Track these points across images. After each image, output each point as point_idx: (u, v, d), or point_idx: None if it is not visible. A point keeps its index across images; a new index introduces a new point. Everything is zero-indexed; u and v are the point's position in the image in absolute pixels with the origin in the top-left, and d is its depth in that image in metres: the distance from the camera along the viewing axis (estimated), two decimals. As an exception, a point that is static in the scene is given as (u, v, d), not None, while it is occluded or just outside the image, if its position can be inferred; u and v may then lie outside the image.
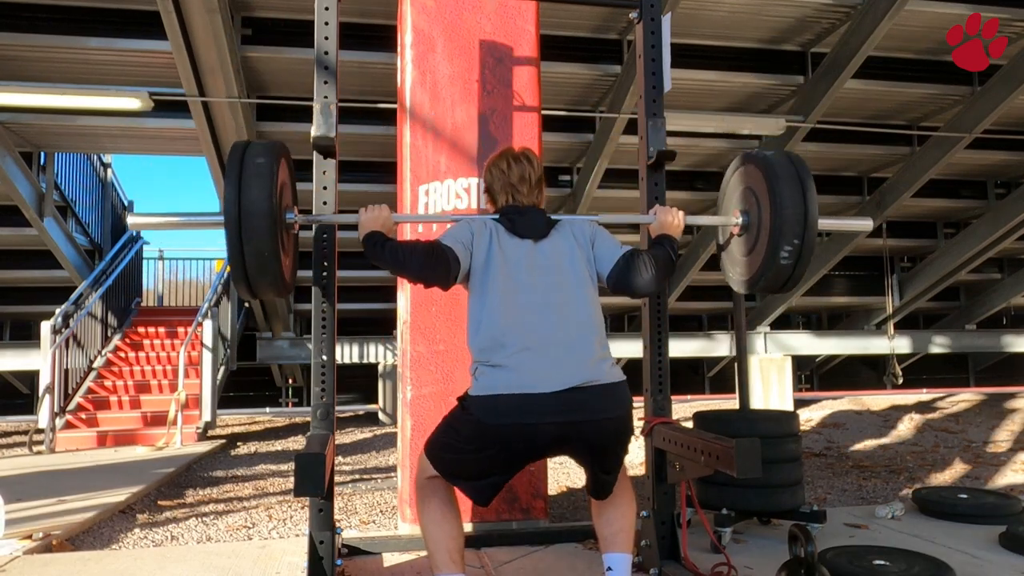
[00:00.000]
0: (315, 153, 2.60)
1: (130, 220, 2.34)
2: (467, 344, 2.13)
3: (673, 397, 2.81)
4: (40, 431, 7.00)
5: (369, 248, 2.13)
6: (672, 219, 2.40)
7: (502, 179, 2.26)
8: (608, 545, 2.20)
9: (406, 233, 3.43)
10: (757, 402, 10.65)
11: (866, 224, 2.69)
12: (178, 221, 2.45)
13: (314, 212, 2.57)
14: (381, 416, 10.01)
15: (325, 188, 2.60)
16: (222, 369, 9.09)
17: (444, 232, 2.19)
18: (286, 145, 2.30)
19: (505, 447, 2.00)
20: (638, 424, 2.47)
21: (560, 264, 2.15)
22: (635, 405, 2.23)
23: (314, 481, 1.96)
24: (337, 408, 2.71)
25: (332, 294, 2.58)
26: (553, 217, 2.24)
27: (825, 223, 2.46)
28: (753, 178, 2.49)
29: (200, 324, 8.32)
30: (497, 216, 2.23)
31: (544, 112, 3.72)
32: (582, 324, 2.08)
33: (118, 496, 4.61)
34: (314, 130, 2.54)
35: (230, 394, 11.55)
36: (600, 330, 2.12)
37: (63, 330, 7.62)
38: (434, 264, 2.07)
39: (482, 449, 2.02)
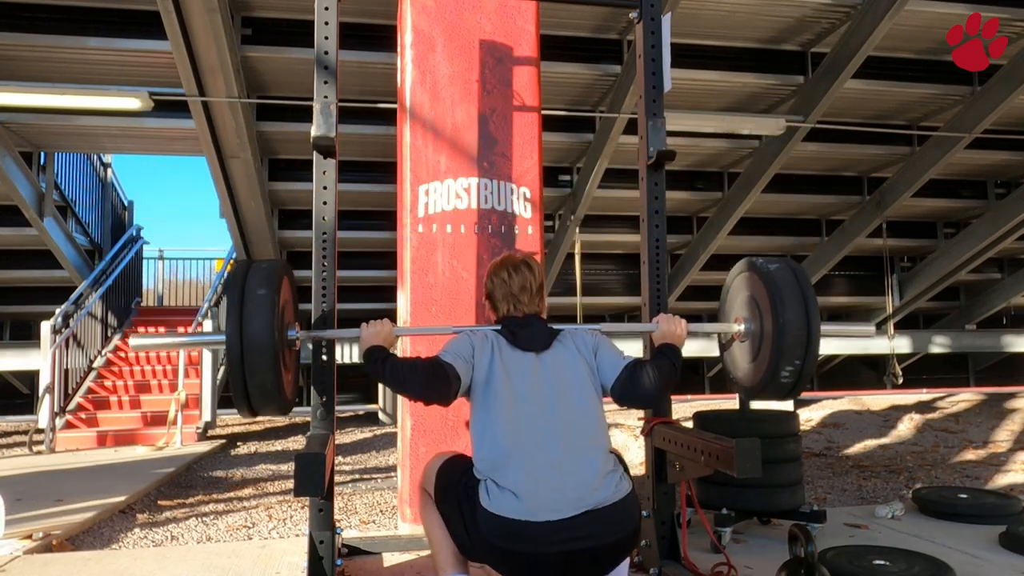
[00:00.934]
0: (315, 153, 2.59)
1: (132, 342, 2.35)
2: (472, 455, 2.09)
3: (673, 397, 2.81)
4: (40, 431, 7.00)
5: (370, 365, 2.11)
6: (675, 328, 2.39)
7: (503, 289, 2.24)
8: None
9: (406, 230, 3.43)
10: (757, 402, 10.63)
11: (868, 330, 2.76)
12: (180, 342, 2.50)
13: (314, 212, 2.57)
14: (381, 416, 10.00)
15: (325, 188, 2.60)
16: (222, 369, 9.09)
17: (444, 346, 2.15)
18: (288, 263, 2.31)
19: (503, 563, 1.96)
20: (637, 424, 2.47)
21: (564, 377, 2.11)
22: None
23: (314, 481, 1.96)
24: (337, 408, 2.71)
25: (332, 294, 2.58)
26: (555, 327, 2.21)
27: (828, 329, 2.45)
28: (756, 289, 2.48)
29: (200, 324, 8.32)
30: (498, 328, 2.20)
31: (544, 112, 3.72)
32: (587, 440, 2.03)
33: (118, 496, 4.61)
34: (314, 130, 2.54)
35: (230, 394, 11.53)
36: (605, 442, 2.08)
37: (63, 330, 7.62)
38: (435, 383, 2.04)
39: (478, 550, 2.00)
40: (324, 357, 2.54)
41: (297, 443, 7.80)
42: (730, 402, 9.31)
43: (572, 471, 1.96)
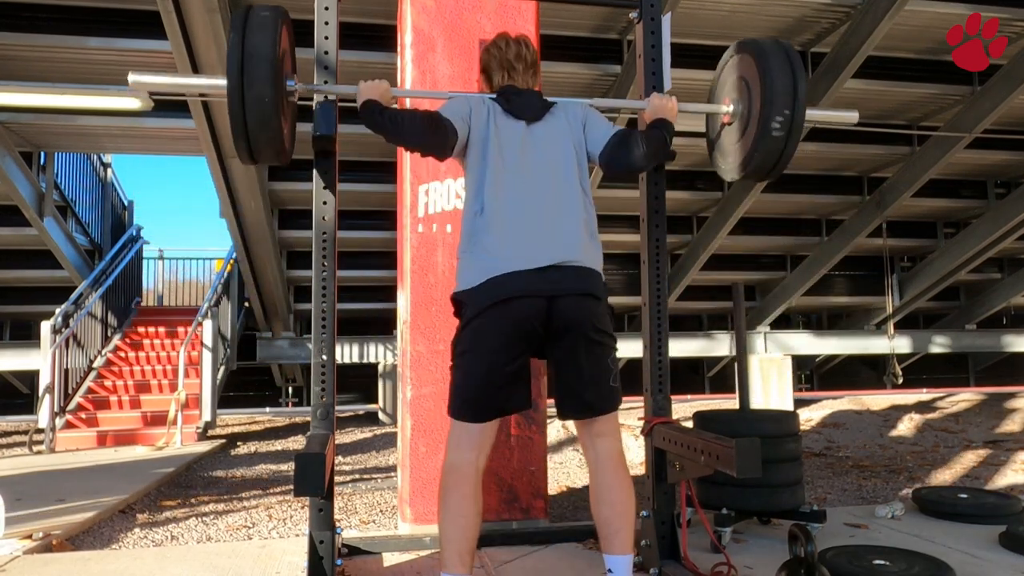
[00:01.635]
0: (315, 153, 2.59)
1: (132, 79, 2.31)
2: (461, 220, 2.22)
3: (673, 397, 2.80)
4: (40, 431, 7.00)
5: (367, 115, 2.15)
6: (666, 103, 2.44)
7: (499, 56, 2.31)
8: (609, 547, 2.17)
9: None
10: (757, 402, 10.65)
11: (852, 116, 2.77)
12: (178, 83, 2.54)
13: (314, 212, 2.57)
14: (381, 416, 10.01)
15: (325, 188, 2.60)
16: (222, 369, 9.10)
17: (442, 106, 2.22)
18: (286, 13, 2.31)
19: (499, 330, 2.05)
20: (637, 424, 2.48)
21: (552, 148, 2.20)
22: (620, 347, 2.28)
23: (314, 481, 1.95)
24: (337, 408, 2.71)
25: (332, 294, 2.58)
26: (548, 99, 2.27)
27: (812, 113, 2.53)
28: (745, 65, 2.53)
29: (200, 324, 8.32)
30: (494, 96, 2.26)
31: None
32: (569, 209, 2.15)
33: (118, 496, 4.61)
34: (314, 130, 2.54)
35: (230, 394, 11.54)
36: (586, 215, 2.19)
37: (63, 330, 7.62)
38: (433, 132, 2.12)
39: (480, 345, 2.06)
40: (324, 357, 2.54)
41: (297, 443, 7.81)
42: (730, 402, 9.31)
43: (553, 233, 2.10)
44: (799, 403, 10.60)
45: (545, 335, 2.11)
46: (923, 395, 11.36)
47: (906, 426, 7.92)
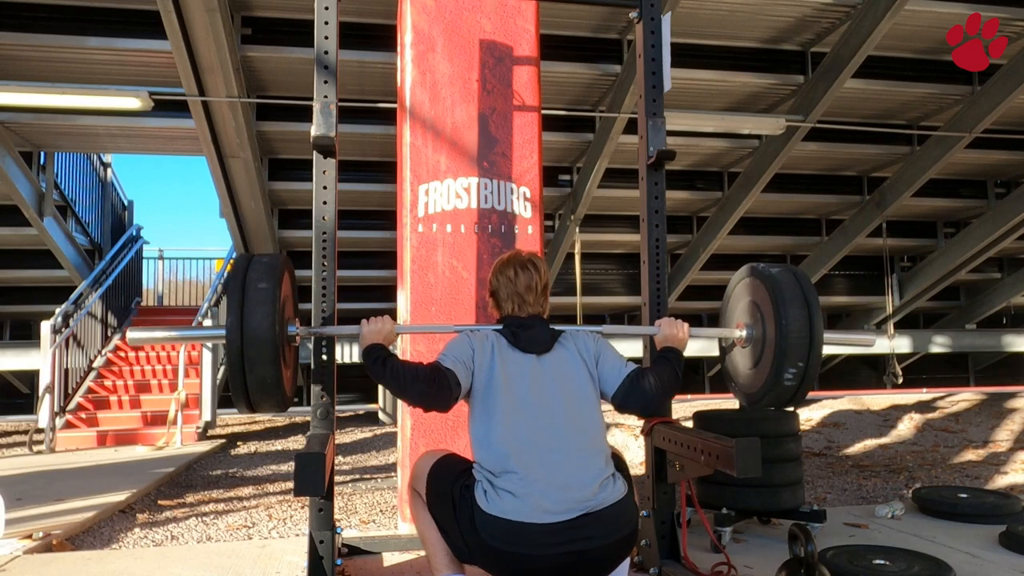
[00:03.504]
0: (315, 153, 2.59)
1: (131, 335, 2.27)
2: (472, 454, 2.09)
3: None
4: (40, 431, 7.00)
5: (370, 364, 2.08)
6: (677, 332, 2.38)
7: (509, 288, 2.23)
8: None
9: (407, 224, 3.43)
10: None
11: (870, 339, 2.69)
12: (180, 335, 2.49)
13: (314, 212, 2.57)
14: (381, 416, 10.00)
15: (325, 188, 2.60)
16: (222, 369, 9.09)
17: (444, 349, 2.14)
18: (289, 259, 2.30)
19: (499, 566, 1.95)
20: (637, 424, 2.47)
21: (564, 381, 2.11)
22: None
23: (314, 481, 1.95)
24: (337, 408, 2.71)
25: (332, 294, 2.58)
26: (556, 328, 2.20)
27: (831, 337, 2.43)
28: (758, 294, 2.47)
29: (200, 323, 8.32)
30: (499, 328, 2.19)
31: (544, 111, 3.72)
32: (587, 444, 2.03)
33: (118, 496, 4.61)
34: (314, 130, 2.54)
35: (230, 394, 11.53)
36: (604, 446, 2.09)
37: (63, 330, 7.62)
38: (435, 391, 2.01)
39: (474, 553, 1.98)
40: (324, 356, 2.54)
41: (297, 443, 7.81)
42: (730, 402, 9.31)
43: (571, 474, 1.96)
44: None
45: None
46: (923, 395, 11.35)
47: (906, 426, 7.92)
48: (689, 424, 3.28)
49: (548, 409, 2.05)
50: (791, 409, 3.32)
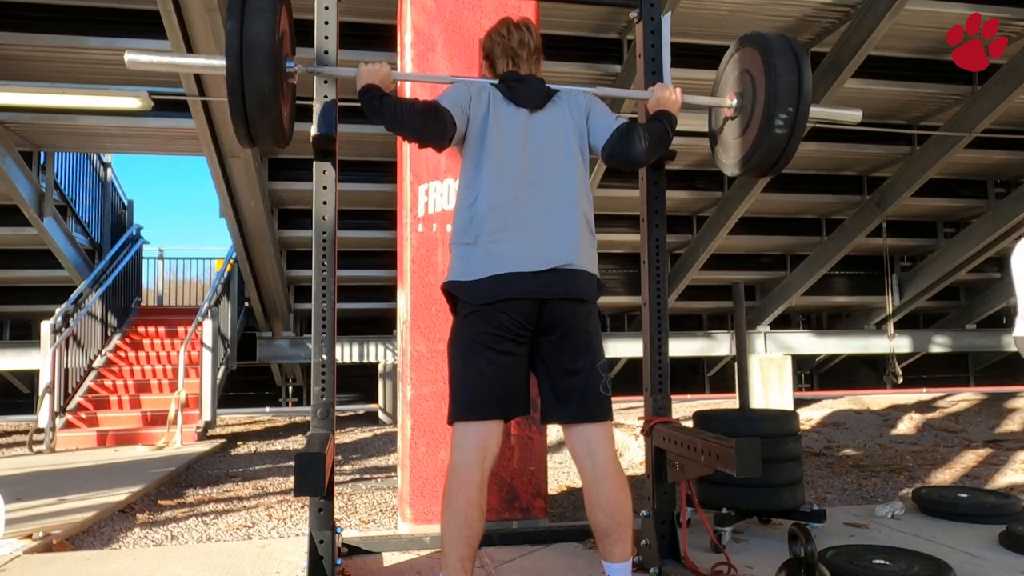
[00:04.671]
0: (315, 153, 2.59)
1: (128, 57, 2.27)
2: (453, 213, 2.20)
3: (673, 396, 2.80)
4: (40, 431, 7.00)
5: (366, 102, 2.14)
6: (670, 95, 2.41)
7: (502, 43, 2.31)
8: (609, 555, 2.14)
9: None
10: (757, 401, 10.66)
11: (855, 115, 2.74)
12: (175, 62, 2.52)
13: (314, 212, 2.57)
14: (381, 416, 10.01)
15: (325, 188, 2.60)
16: (222, 369, 9.09)
17: (442, 93, 2.20)
18: None
19: (494, 329, 2.05)
20: (637, 423, 2.48)
21: (554, 137, 2.19)
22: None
23: (314, 481, 1.95)
24: (337, 408, 2.71)
25: (332, 294, 2.58)
26: (551, 87, 2.27)
27: (816, 111, 2.53)
28: (749, 59, 2.51)
29: (200, 323, 8.32)
30: (496, 82, 2.25)
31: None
32: (570, 203, 2.15)
33: (118, 496, 4.61)
34: (314, 130, 2.54)
35: (230, 394, 11.55)
36: (586, 207, 2.19)
37: (63, 330, 7.62)
38: (433, 122, 2.10)
39: (476, 342, 2.07)
40: (324, 356, 2.54)
41: (297, 443, 7.81)
42: (730, 401, 9.31)
43: (550, 232, 2.10)
44: (799, 403, 10.61)
45: (534, 336, 2.13)
46: (923, 395, 11.36)
47: (906, 426, 7.93)
48: (689, 424, 3.28)
49: (533, 167, 2.14)
50: (791, 408, 3.32)
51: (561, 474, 5.74)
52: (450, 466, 2.08)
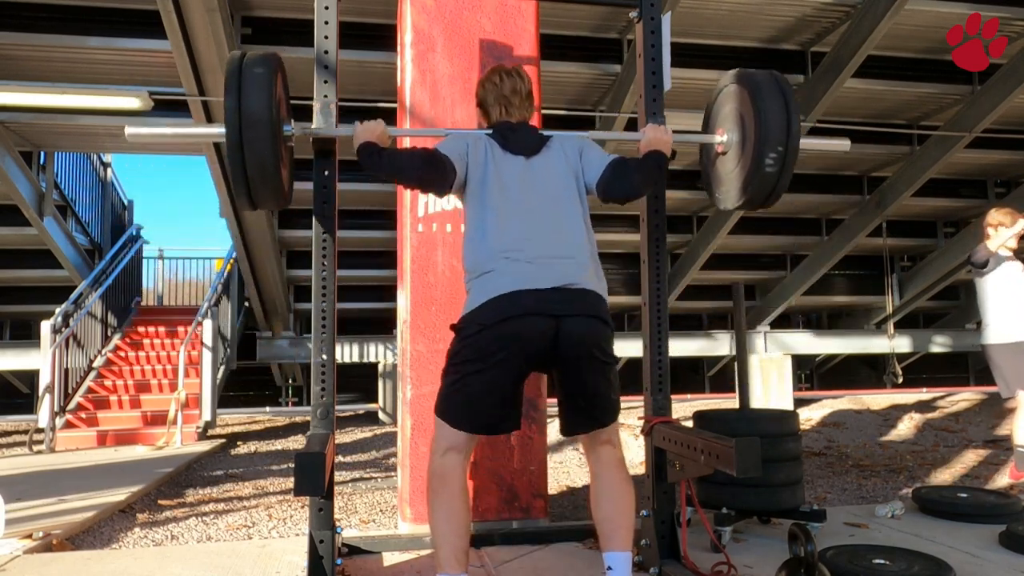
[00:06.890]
0: (315, 153, 2.59)
1: (128, 131, 2.34)
2: (463, 259, 2.24)
3: (673, 396, 2.81)
4: (40, 431, 7.00)
5: (365, 157, 2.19)
6: (662, 135, 2.47)
7: (495, 92, 2.36)
8: (608, 543, 2.18)
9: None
10: (757, 401, 10.65)
11: (843, 144, 2.79)
12: (177, 133, 2.50)
13: (314, 212, 2.57)
14: (381, 415, 10.01)
15: (325, 188, 2.60)
16: (222, 368, 9.10)
17: (438, 144, 2.26)
18: (280, 60, 2.31)
19: (503, 346, 2.06)
20: (637, 423, 2.49)
21: (553, 180, 2.25)
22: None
23: (314, 480, 1.96)
24: (337, 407, 2.71)
25: (332, 293, 2.58)
26: (544, 133, 2.33)
27: (805, 142, 2.58)
28: (739, 98, 2.55)
29: (200, 323, 8.32)
30: (490, 132, 2.30)
31: (544, 111, 3.72)
32: (576, 241, 2.20)
33: (118, 495, 4.61)
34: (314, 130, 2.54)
35: (230, 393, 11.55)
36: (591, 247, 2.25)
37: (63, 330, 7.62)
38: (433, 168, 2.16)
39: (483, 358, 2.07)
40: (324, 356, 2.55)
41: (297, 443, 7.81)
42: (730, 401, 9.31)
43: (556, 264, 2.14)
44: (799, 403, 10.60)
45: (551, 356, 2.14)
46: (923, 395, 11.35)
47: (906, 426, 7.93)
48: (689, 424, 3.28)
49: (538, 210, 2.19)
50: (791, 408, 3.32)
51: (561, 474, 5.74)
52: (431, 467, 2.16)
